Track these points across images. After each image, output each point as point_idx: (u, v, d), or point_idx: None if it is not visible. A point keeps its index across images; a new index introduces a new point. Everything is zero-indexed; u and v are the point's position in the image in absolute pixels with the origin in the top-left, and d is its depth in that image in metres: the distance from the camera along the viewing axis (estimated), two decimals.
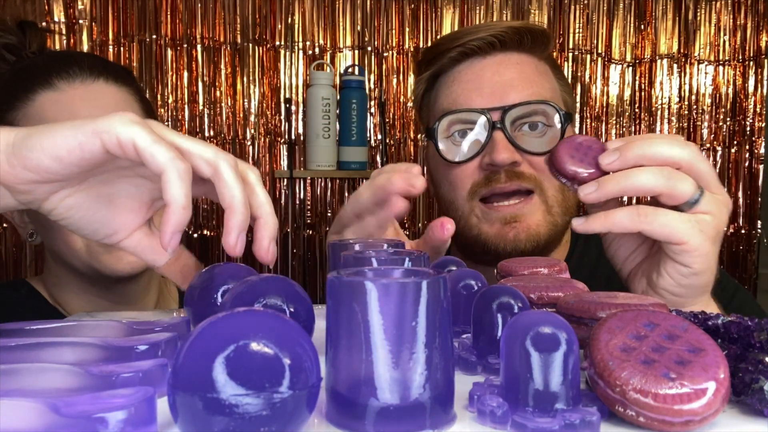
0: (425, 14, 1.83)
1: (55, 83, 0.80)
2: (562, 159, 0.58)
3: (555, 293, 0.47)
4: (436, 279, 0.32)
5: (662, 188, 0.56)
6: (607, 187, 0.56)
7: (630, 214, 0.56)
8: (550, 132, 0.86)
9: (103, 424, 0.28)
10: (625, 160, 0.56)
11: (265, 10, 1.77)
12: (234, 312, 0.30)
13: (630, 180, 0.56)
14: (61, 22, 1.67)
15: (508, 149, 0.83)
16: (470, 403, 0.35)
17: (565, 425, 0.31)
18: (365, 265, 0.45)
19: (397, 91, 1.83)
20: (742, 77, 1.92)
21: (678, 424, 0.31)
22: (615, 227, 0.57)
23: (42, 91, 0.80)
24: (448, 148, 0.88)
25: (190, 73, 1.75)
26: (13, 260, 1.67)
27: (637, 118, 1.91)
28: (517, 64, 0.89)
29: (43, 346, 0.40)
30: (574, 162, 0.57)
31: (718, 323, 0.41)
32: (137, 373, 0.35)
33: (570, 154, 0.58)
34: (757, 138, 1.93)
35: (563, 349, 0.32)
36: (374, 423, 0.31)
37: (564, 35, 1.87)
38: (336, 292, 0.32)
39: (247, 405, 0.27)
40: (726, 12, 1.91)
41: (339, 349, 0.32)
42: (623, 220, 0.57)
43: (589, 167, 0.57)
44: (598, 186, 0.56)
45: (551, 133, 0.86)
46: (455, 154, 0.88)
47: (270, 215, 0.47)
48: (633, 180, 0.56)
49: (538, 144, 0.85)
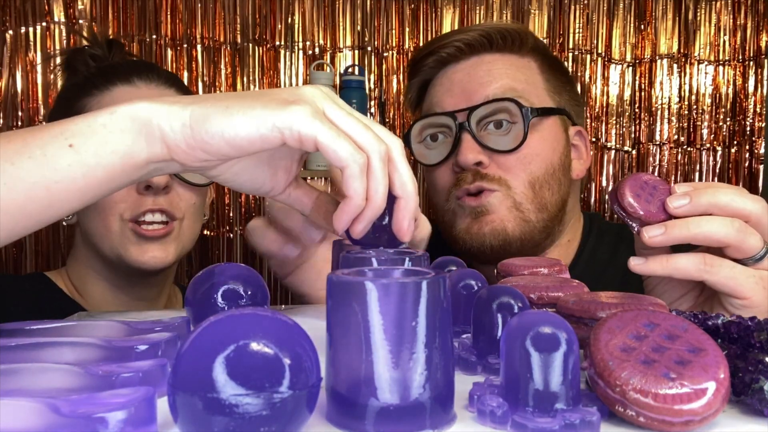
0: (425, 14, 1.83)
1: (135, 81, 0.88)
2: (627, 198, 0.56)
3: (555, 293, 0.47)
4: (436, 279, 0.32)
5: (732, 240, 0.55)
6: (675, 232, 0.55)
7: (696, 262, 0.55)
8: (514, 129, 0.86)
9: (103, 424, 0.28)
10: (695, 207, 0.55)
11: (265, 10, 1.77)
12: (234, 312, 0.30)
13: (701, 228, 0.55)
14: (61, 22, 1.67)
15: (473, 150, 0.85)
16: (470, 403, 0.35)
17: (565, 425, 0.31)
18: (365, 265, 0.45)
19: (397, 91, 1.83)
20: (742, 77, 1.92)
21: (678, 424, 0.31)
22: (677, 273, 0.56)
23: (121, 85, 0.87)
24: (421, 152, 0.92)
25: (190, 73, 1.74)
26: (13, 260, 1.66)
27: (637, 118, 1.91)
28: (488, 63, 0.90)
29: (43, 346, 0.40)
30: (640, 202, 0.56)
31: (718, 323, 0.41)
32: (137, 373, 0.35)
33: (635, 193, 0.56)
34: (757, 138, 1.93)
35: (563, 349, 0.32)
36: (374, 423, 0.31)
37: (564, 35, 1.87)
38: (336, 292, 0.32)
39: (247, 405, 0.27)
40: (726, 12, 1.91)
41: (339, 349, 0.32)
42: (688, 266, 0.56)
43: (654, 209, 0.56)
44: (665, 230, 0.55)
45: (515, 130, 0.86)
46: (428, 158, 0.91)
47: (412, 195, 0.48)
48: (704, 228, 0.55)
49: (505, 142, 0.86)
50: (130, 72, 0.89)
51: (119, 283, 0.91)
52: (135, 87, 0.87)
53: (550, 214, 0.89)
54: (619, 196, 0.57)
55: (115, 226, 0.84)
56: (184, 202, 0.88)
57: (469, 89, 0.88)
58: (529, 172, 0.86)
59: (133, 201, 0.84)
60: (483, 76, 0.88)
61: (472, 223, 0.87)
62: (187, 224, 0.89)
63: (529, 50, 0.92)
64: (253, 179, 0.52)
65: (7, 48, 1.64)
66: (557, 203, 0.89)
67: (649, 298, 0.44)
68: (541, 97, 0.90)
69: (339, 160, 0.44)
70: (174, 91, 0.90)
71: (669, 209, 0.56)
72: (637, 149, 1.91)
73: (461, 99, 0.88)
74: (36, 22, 1.65)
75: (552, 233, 0.91)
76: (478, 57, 0.90)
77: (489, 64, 0.90)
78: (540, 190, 0.87)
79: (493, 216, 0.86)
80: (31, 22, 1.65)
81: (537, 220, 0.87)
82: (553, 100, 0.91)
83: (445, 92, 0.91)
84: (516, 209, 0.86)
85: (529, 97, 0.88)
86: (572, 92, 0.96)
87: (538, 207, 0.87)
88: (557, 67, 0.96)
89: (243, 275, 0.49)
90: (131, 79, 0.88)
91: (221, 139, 0.43)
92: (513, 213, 0.86)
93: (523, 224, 0.86)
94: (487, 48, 0.90)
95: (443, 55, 0.91)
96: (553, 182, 0.88)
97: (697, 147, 1.92)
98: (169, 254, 0.87)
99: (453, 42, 0.91)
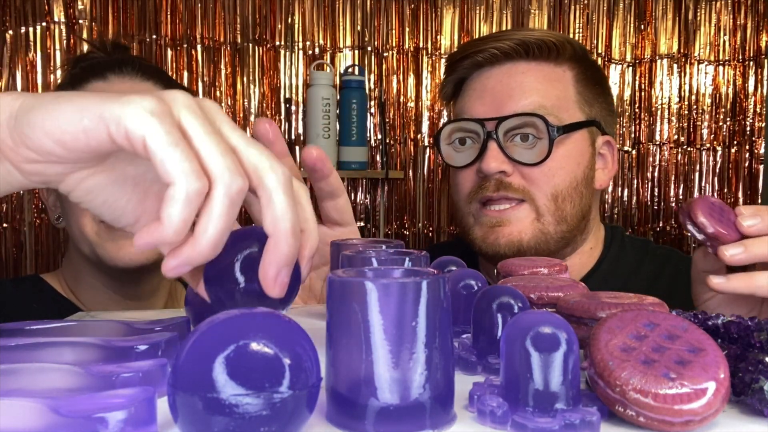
0: (425, 14, 1.83)
1: (108, 76, 0.87)
2: (703, 218, 0.59)
3: (555, 293, 0.47)
4: (436, 279, 0.32)
5: None
6: (755, 250, 0.58)
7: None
8: (539, 144, 0.88)
9: (103, 424, 0.28)
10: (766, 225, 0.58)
11: (265, 10, 1.77)
12: (234, 312, 0.30)
13: None
14: (61, 22, 1.67)
15: (497, 159, 0.87)
16: (470, 403, 0.35)
17: (565, 425, 0.31)
18: (365, 265, 0.45)
19: (397, 91, 1.83)
20: (742, 77, 1.92)
21: (678, 424, 0.31)
22: (760, 291, 0.58)
23: (94, 81, 0.87)
24: (449, 153, 0.94)
25: (190, 74, 1.74)
26: (13, 260, 1.67)
27: (637, 118, 1.91)
28: (522, 73, 0.91)
29: (43, 346, 0.40)
30: (714, 221, 0.59)
31: (718, 323, 0.41)
32: (137, 373, 0.35)
33: (709, 213, 0.59)
34: (757, 138, 1.93)
35: (563, 349, 0.32)
36: (374, 423, 0.31)
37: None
38: (336, 292, 0.32)
39: (247, 405, 0.27)
40: (726, 12, 1.90)
41: (339, 349, 0.32)
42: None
43: (728, 228, 0.59)
44: (745, 248, 0.58)
45: (541, 145, 0.88)
46: (455, 160, 0.93)
47: (286, 237, 0.36)
48: None
49: (529, 155, 0.88)
50: (105, 68, 0.88)
51: (108, 283, 0.90)
52: (107, 82, 0.86)
53: (570, 225, 0.91)
54: (693, 215, 0.59)
55: (89, 226, 0.83)
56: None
57: (499, 99, 0.90)
58: (552, 185, 0.88)
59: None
60: (515, 88, 0.89)
61: (488, 232, 0.89)
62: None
63: (566, 59, 0.92)
64: (111, 201, 0.41)
65: (7, 48, 1.64)
66: (577, 215, 0.91)
67: (650, 298, 0.44)
68: (571, 111, 0.91)
69: (165, 174, 0.34)
70: (151, 84, 0.88)
71: (742, 228, 0.59)
72: (637, 149, 1.91)
73: (491, 108, 0.90)
74: (36, 22, 1.65)
75: (572, 242, 0.93)
76: (512, 64, 0.91)
77: (522, 74, 0.90)
78: (562, 203, 0.89)
79: (511, 228, 0.88)
80: (31, 22, 1.65)
81: (555, 231, 0.89)
82: (583, 113, 0.92)
83: (477, 98, 0.92)
84: (538, 221, 0.89)
85: (558, 112, 0.89)
86: (606, 102, 0.97)
87: (557, 219, 0.89)
88: (594, 76, 0.96)
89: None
90: (105, 75, 0.87)
91: (41, 131, 0.36)
92: (534, 225, 0.89)
93: (539, 235, 0.89)
94: (522, 56, 0.91)
95: (478, 59, 0.93)
96: (575, 195, 0.90)
97: (697, 147, 1.92)
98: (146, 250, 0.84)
99: (489, 48, 0.92)
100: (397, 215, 1.85)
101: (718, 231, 0.58)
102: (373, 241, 0.57)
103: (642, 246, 1.00)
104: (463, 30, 1.84)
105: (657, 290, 0.66)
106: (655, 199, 1.92)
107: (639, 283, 0.92)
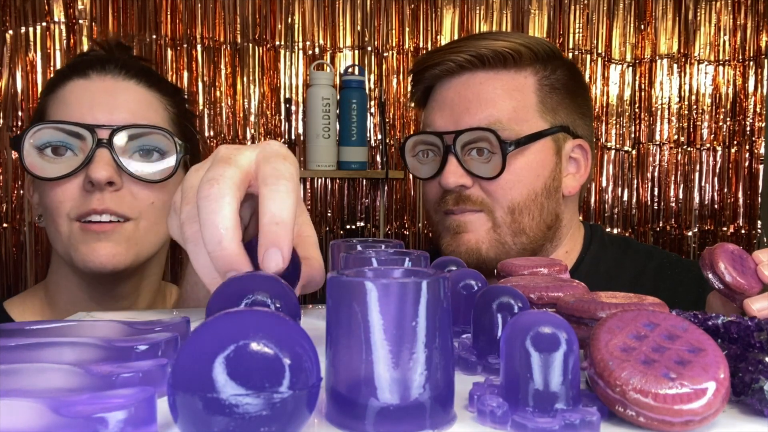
0: (425, 14, 1.83)
1: (89, 74, 0.85)
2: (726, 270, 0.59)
3: (555, 293, 0.47)
4: (436, 279, 0.32)
5: None
6: None
7: None
8: (494, 159, 0.88)
9: (103, 424, 0.28)
10: None
11: (265, 10, 1.77)
12: (234, 312, 0.30)
13: None
14: (61, 22, 1.67)
15: (456, 173, 0.88)
16: (470, 403, 0.35)
17: (565, 425, 0.31)
18: (365, 265, 0.45)
19: (397, 91, 1.83)
20: (742, 77, 1.92)
21: (678, 424, 0.31)
22: None
23: (76, 78, 0.85)
24: (414, 165, 0.96)
25: (190, 73, 1.74)
26: (13, 260, 1.67)
27: (637, 118, 1.91)
28: (480, 84, 0.90)
29: (43, 346, 0.40)
30: (738, 274, 0.59)
31: (718, 323, 0.41)
32: (137, 373, 0.35)
33: (732, 265, 0.59)
34: (757, 138, 1.93)
35: (563, 349, 0.32)
36: (374, 423, 0.31)
37: (564, 35, 1.87)
38: (336, 292, 0.32)
39: (247, 405, 0.27)
40: (726, 12, 1.91)
41: (339, 349, 0.32)
42: None
43: (751, 280, 0.59)
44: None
45: (495, 160, 0.88)
46: (420, 172, 0.95)
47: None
48: None
49: (485, 169, 0.88)
50: (87, 65, 0.86)
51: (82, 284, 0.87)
52: (88, 80, 0.85)
53: (531, 237, 0.91)
54: (716, 267, 0.59)
55: (64, 227, 0.80)
56: (140, 202, 0.81)
57: (457, 112, 0.90)
58: (509, 198, 0.89)
59: (79, 199, 0.79)
60: (471, 100, 0.90)
61: (451, 240, 0.91)
62: (145, 225, 0.83)
63: (527, 65, 0.91)
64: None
65: (7, 48, 1.64)
66: (539, 226, 0.91)
67: (650, 298, 0.44)
68: (531, 121, 0.89)
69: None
70: (133, 83, 0.86)
71: (764, 278, 0.59)
72: (637, 149, 1.91)
73: (450, 121, 0.90)
74: (36, 22, 1.65)
75: (540, 251, 0.93)
76: (471, 74, 0.91)
77: (480, 85, 0.90)
78: (519, 215, 0.89)
79: (470, 236, 0.89)
80: (31, 22, 1.65)
81: (513, 243, 0.90)
82: (545, 121, 0.90)
83: (437, 110, 0.93)
84: (493, 231, 0.89)
85: (515, 124, 0.88)
86: (575, 104, 0.94)
87: (514, 231, 0.90)
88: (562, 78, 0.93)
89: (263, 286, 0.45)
90: (86, 72, 0.85)
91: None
92: (490, 235, 0.89)
93: (498, 246, 0.90)
94: (479, 66, 0.91)
95: (436, 72, 0.94)
96: (533, 207, 0.90)
97: (697, 147, 1.92)
98: (119, 253, 0.80)
99: (446, 60, 0.92)
100: (397, 215, 1.85)
101: (738, 282, 0.58)
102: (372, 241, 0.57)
103: (623, 244, 0.99)
104: (463, 30, 1.84)
105: (641, 288, 0.66)
106: (655, 199, 1.92)
107: (621, 282, 0.91)
